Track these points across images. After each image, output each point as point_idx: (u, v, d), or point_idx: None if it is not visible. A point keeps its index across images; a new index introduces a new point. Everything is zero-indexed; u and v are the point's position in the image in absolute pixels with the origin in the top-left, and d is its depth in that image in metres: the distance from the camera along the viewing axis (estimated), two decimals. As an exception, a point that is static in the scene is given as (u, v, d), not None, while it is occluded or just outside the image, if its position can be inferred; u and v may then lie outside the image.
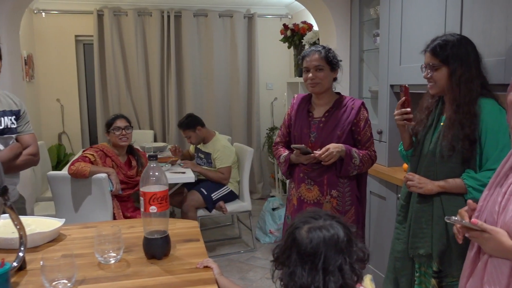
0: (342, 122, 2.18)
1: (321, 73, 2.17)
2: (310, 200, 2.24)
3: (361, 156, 2.16)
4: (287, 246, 1.08)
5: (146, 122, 5.30)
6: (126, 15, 5.13)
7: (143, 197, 1.48)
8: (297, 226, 1.08)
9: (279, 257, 1.10)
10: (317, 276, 1.00)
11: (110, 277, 1.39)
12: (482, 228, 1.16)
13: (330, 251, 1.02)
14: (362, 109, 2.21)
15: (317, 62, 2.17)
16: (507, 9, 1.89)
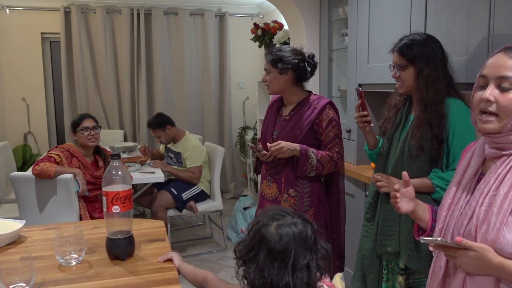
0: (301, 122, 2.15)
1: (268, 76, 2.19)
2: (270, 197, 2.26)
3: (319, 157, 2.10)
4: (255, 243, 1.05)
5: (115, 121, 5.21)
6: (94, 12, 5.02)
7: (106, 197, 1.44)
8: (265, 223, 1.06)
9: (244, 254, 1.08)
10: (286, 273, 1.00)
11: (71, 279, 1.35)
12: (467, 246, 1.04)
13: (299, 249, 1.01)
14: (327, 109, 2.15)
15: (266, 65, 2.19)
16: (468, 10, 1.94)
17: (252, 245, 1.05)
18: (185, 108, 5.33)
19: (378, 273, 1.93)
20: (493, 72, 1.06)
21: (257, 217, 1.11)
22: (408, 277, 1.79)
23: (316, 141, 2.17)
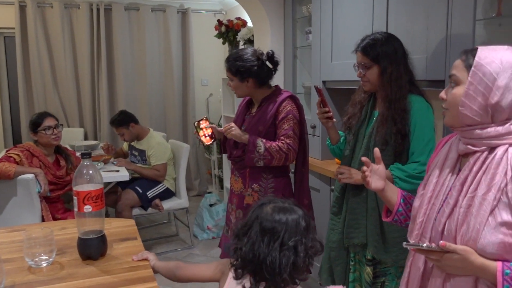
0: (264, 118, 2.19)
1: (232, 83, 2.23)
2: (236, 191, 2.30)
3: (267, 146, 2.10)
4: (250, 219, 1.14)
5: (75, 119, 5.07)
6: (51, 7, 4.86)
7: (77, 197, 1.42)
8: (263, 202, 1.16)
9: (239, 229, 1.15)
10: (273, 250, 1.07)
11: (43, 281, 1.32)
12: (451, 250, 1.06)
13: (289, 230, 1.09)
14: (285, 102, 2.16)
15: (227, 74, 2.23)
16: (428, 9, 2.03)
17: (247, 221, 1.14)
18: (148, 105, 5.25)
19: (345, 265, 1.99)
20: (450, 71, 1.15)
21: (258, 200, 1.19)
22: (375, 267, 1.85)
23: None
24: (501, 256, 1.04)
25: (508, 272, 1.01)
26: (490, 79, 1.05)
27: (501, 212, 1.03)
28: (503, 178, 1.04)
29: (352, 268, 1.96)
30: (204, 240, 4.05)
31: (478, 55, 1.07)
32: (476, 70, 1.06)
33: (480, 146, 1.10)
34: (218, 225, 4.07)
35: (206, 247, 3.91)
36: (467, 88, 1.07)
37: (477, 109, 1.07)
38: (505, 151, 1.06)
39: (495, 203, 1.04)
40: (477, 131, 1.09)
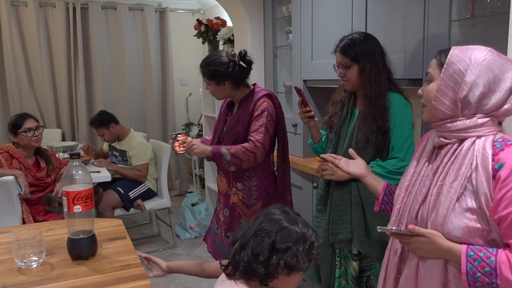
0: (243, 118, 2.21)
1: (210, 87, 2.25)
2: (222, 190, 2.35)
3: (232, 152, 2.12)
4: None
5: (52, 120, 4.99)
6: (25, 5, 4.76)
7: (66, 197, 1.42)
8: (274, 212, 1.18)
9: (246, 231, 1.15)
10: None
11: (34, 281, 1.32)
12: (419, 233, 1.15)
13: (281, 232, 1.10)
14: (261, 100, 2.19)
15: (203, 79, 2.25)
16: (405, 10, 2.10)
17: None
18: (127, 105, 5.21)
19: (331, 261, 2.03)
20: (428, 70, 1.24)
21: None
22: (361, 261, 1.90)
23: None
24: (466, 240, 1.12)
25: (472, 254, 1.09)
26: (460, 75, 1.13)
27: (467, 198, 1.12)
28: (469, 168, 1.12)
29: (338, 263, 2.01)
30: (187, 240, 4.05)
31: (450, 53, 1.16)
32: (447, 67, 1.15)
33: (451, 138, 1.18)
34: (200, 224, 4.09)
35: (189, 246, 3.92)
36: (439, 84, 1.16)
37: (448, 103, 1.15)
38: (472, 143, 1.14)
39: (461, 191, 1.12)
40: (448, 124, 1.17)
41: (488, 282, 1.07)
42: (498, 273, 1.06)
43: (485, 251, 1.09)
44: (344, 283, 2.01)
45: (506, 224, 1.07)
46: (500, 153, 1.10)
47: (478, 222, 1.11)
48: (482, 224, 1.11)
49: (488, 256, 1.08)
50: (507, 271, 1.05)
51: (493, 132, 1.14)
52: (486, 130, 1.14)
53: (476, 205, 1.11)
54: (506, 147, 1.11)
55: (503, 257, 1.07)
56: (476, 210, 1.11)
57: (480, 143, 1.13)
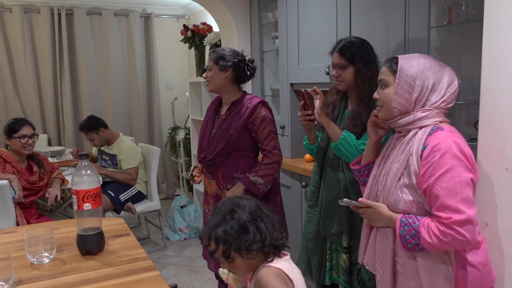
0: (235, 122, 2.26)
1: (210, 73, 2.30)
2: (211, 193, 2.40)
3: (261, 173, 2.24)
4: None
5: (38, 125, 4.98)
6: (10, 11, 4.77)
7: (76, 195, 1.50)
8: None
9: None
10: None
11: (48, 275, 1.40)
12: (367, 205, 1.46)
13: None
14: (259, 108, 2.26)
15: (208, 62, 2.32)
16: (387, 17, 2.23)
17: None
18: (113, 110, 5.25)
19: (322, 254, 2.14)
20: (379, 77, 1.50)
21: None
22: (351, 255, 2.01)
23: (251, 139, 2.31)
24: (406, 211, 1.38)
25: (404, 220, 1.36)
26: (411, 79, 1.39)
27: (404, 177, 1.38)
28: (408, 153, 1.39)
29: (329, 257, 2.11)
30: (177, 242, 4.12)
31: (400, 62, 1.41)
32: (400, 73, 1.40)
33: (403, 131, 1.45)
34: (190, 226, 4.16)
35: (179, 248, 3.98)
36: (396, 88, 1.41)
37: (404, 103, 1.40)
38: (415, 133, 1.40)
39: (402, 170, 1.39)
40: (400, 120, 1.43)
41: (414, 243, 1.33)
42: (419, 235, 1.31)
43: (414, 218, 1.35)
44: (335, 275, 2.11)
45: (427, 195, 1.32)
46: (428, 138, 1.35)
47: (412, 196, 1.36)
48: (416, 197, 1.36)
49: (414, 221, 1.34)
50: (425, 233, 1.30)
51: (435, 122, 1.39)
52: (428, 121, 1.38)
53: (409, 181, 1.36)
54: (434, 132, 1.36)
55: (424, 221, 1.32)
56: (410, 185, 1.36)
57: (420, 132, 1.38)
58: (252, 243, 1.20)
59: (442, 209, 1.28)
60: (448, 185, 1.27)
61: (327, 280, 2.12)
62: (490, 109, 1.53)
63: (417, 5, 2.04)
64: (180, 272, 3.48)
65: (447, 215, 1.26)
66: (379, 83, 1.49)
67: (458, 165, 1.28)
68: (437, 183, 1.28)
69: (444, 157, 1.29)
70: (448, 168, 1.28)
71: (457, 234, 1.25)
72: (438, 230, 1.28)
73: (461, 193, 1.27)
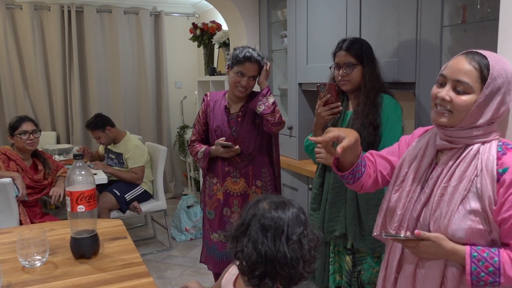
0: (255, 112, 2.31)
1: (253, 82, 2.29)
2: (237, 192, 2.38)
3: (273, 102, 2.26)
4: (247, 218, 1.07)
5: (47, 123, 5.00)
6: (20, 8, 4.78)
7: (70, 197, 1.45)
8: (258, 199, 1.11)
9: (235, 229, 1.09)
10: (281, 244, 1.02)
11: (38, 279, 1.35)
12: (425, 238, 1.19)
13: (291, 222, 1.04)
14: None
15: (254, 72, 2.25)
16: (398, 15, 2.15)
17: (243, 221, 1.07)
18: (122, 108, 5.23)
19: (325, 258, 2.09)
20: (452, 74, 1.19)
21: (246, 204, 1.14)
22: (353, 256, 1.96)
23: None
24: (469, 241, 1.17)
25: (476, 255, 1.14)
26: (498, 92, 1.16)
27: (470, 201, 1.16)
28: (474, 171, 1.17)
29: (332, 260, 2.06)
30: (183, 242, 4.08)
31: (495, 70, 1.15)
32: (491, 82, 1.15)
33: (459, 143, 1.22)
34: (196, 226, 4.11)
35: (185, 248, 3.94)
36: (481, 101, 1.16)
37: (481, 119, 1.17)
38: (478, 148, 1.19)
39: (465, 193, 1.17)
40: (465, 130, 1.19)
41: (491, 281, 1.13)
42: (502, 272, 1.12)
43: (488, 252, 1.14)
44: (339, 279, 2.06)
45: (508, 226, 1.12)
46: (503, 157, 1.15)
47: (480, 224, 1.15)
48: (484, 225, 1.15)
49: (491, 256, 1.13)
50: (510, 270, 1.11)
51: (497, 137, 1.20)
52: (492, 135, 1.20)
53: (480, 207, 1.15)
54: (507, 151, 1.16)
55: (505, 256, 1.12)
56: (479, 212, 1.15)
57: (486, 147, 1.18)
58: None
59: None
60: None
61: (331, 284, 2.07)
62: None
63: (429, 3, 1.96)
64: (185, 273, 3.43)
65: None
66: (455, 83, 1.18)
67: None
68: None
69: None
70: None
71: None
72: None
73: None
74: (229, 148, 2.28)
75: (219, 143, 2.29)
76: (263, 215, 1.05)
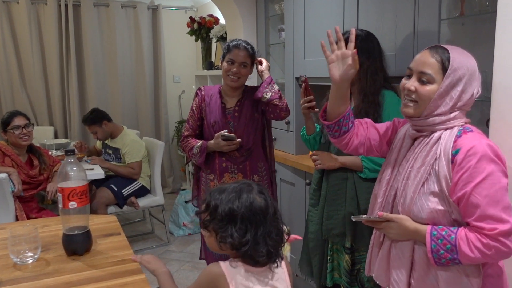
0: (255, 105, 2.31)
1: (245, 70, 2.26)
2: None
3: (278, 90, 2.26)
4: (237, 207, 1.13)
5: (45, 118, 4.98)
6: (17, 2, 4.74)
7: (62, 193, 1.44)
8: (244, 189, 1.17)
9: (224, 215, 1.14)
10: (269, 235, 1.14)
11: (30, 277, 1.34)
12: (388, 218, 1.29)
13: (270, 216, 1.16)
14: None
15: (244, 58, 2.23)
16: (396, 8, 2.12)
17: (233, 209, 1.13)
18: (120, 102, 5.21)
19: (323, 255, 2.06)
20: (416, 67, 1.29)
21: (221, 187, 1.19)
22: (352, 254, 1.94)
23: (263, 125, 2.40)
24: (432, 221, 1.24)
25: (435, 233, 1.21)
26: (458, 83, 1.24)
27: (430, 183, 1.24)
28: (434, 156, 1.25)
29: (330, 258, 2.04)
30: (180, 237, 4.07)
31: (455, 62, 1.24)
32: (451, 73, 1.23)
33: (425, 131, 1.30)
34: (194, 221, 4.10)
35: (183, 243, 3.93)
36: (442, 90, 1.24)
37: (443, 107, 1.26)
38: (440, 134, 1.26)
39: (426, 176, 1.25)
40: (429, 119, 1.27)
41: (450, 258, 1.18)
42: (458, 249, 1.17)
43: (447, 230, 1.20)
44: (337, 276, 2.04)
45: (463, 204, 1.19)
46: (458, 140, 1.22)
47: (440, 204, 1.23)
48: (444, 206, 1.22)
49: (449, 234, 1.19)
50: (465, 246, 1.16)
51: (461, 123, 1.26)
52: (456, 122, 1.26)
53: (438, 188, 1.23)
54: (463, 133, 1.23)
55: (462, 234, 1.17)
56: (438, 193, 1.23)
57: (447, 133, 1.26)
58: (228, 237, 1.11)
59: (484, 219, 1.15)
60: (489, 193, 1.15)
61: (329, 281, 2.05)
62: (502, 107, 1.42)
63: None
64: (183, 268, 3.43)
65: (491, 225, 1.14)
66: (420, 75, 1.27)
67: (496, 170, 1.16)
68: (476, 191, 1.15)
69: (481, 162, 1.16)
70: (487, 174, 1.16)
71: (502, 246, 1.14)
72: (480, 243, 1.15)
73: (502, 200, 1.15)
74: (230, 141, 2.25)
75: (222, 135, 2.24)
76: (258, 206, 1.14)
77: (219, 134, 2.25)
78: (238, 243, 1.11)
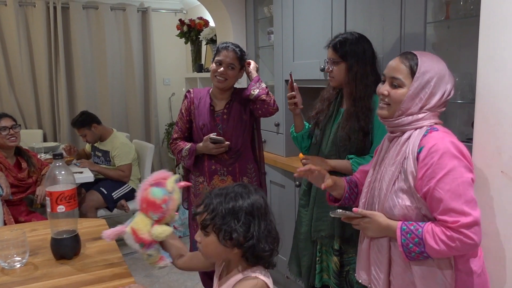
0: (243, 108, 2.33)
1: (232, 72, 2.27)
2: None
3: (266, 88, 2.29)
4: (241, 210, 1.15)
5: (33, 121, 4.94)
6: (5, 4, 4.70)
7: (50, 197, 1.43)
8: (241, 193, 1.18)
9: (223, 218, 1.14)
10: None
11: (18, 281, 1.33)
12: (362, 214, 1.37)
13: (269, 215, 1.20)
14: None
15: (231, 60, 2.26)
16: (383, 11, 2.15)
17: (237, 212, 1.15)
18: (109, 105, 5.18)
19: (312, 256, 2.08)
20: (388, 72, 1.39)
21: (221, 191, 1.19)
22: (342, 257, 1.95)
23: (254, 119, 2.43)
24: (403, 217, 1.31)
25: (405, 228, 1.27)
26: (427, 86, 1.32)
27: (400, 181, 1.32)
28: (403, 155, 1.32)
29: (319, 259, 2.05)
30: (171, 239, 4.05)
31: (422, 66, 1.32)
32: (421, 79, 1.32)
33: (397, 132, 1.38)
34: (184, 224, 4.09)
35: (173, 246, 3.92)
36: (411, 93, 1.33)
37: (412, 108, 1.33)
38: (409, 134, 1.34)
39: (396, 174, 1.33)
40: (398, 120, 1.36)
41: (419, 252, 1.24)
42: (424, 242, 1.22)
43: (416, 225, 1.27)
44: (326, 278, 2.05)
45: (428, 199, 1.25)
46: (423, 138, 1.29)
47: (410, 201, 1.29)
48: (414, 202, 1.29)
49: (417, 228, 1.26)
50: (431, 239, 1.22)
51: (430, 124, 1.32)
52: (424, 122, 1.33)
53: (407, 185, 1.29)
54: (429, 133, 1.29)
55: (428, 228, 1.23)
56: (407, 190, 1.30)
57: (416, 133, 1.33)
58: (234, 231, 1.11)
59: (447, 213, 1.21)
60: (451, 187, 1.21)
61: (317, 282, 2.06)
62: (486, 109, 1.45)
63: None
64: (173, 272, 3.42)
65: (453, 218, 1.20)
66: (391, 80, 1.38)
67: (458, 165, 1.23)
68: (439, 186, 1.22)
69: (443, 158, 1.23)
70: (449, 170, 1.22)
71: (465, 238, 1.19)
72: (444, 236, 1.21)
73: (465, 194, 1.21)
74: (219, 144, 2.26)
75: (210, 138, 2.25)
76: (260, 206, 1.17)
77: (208, 137, 2.26)
78: (243, 238, 1.12)
